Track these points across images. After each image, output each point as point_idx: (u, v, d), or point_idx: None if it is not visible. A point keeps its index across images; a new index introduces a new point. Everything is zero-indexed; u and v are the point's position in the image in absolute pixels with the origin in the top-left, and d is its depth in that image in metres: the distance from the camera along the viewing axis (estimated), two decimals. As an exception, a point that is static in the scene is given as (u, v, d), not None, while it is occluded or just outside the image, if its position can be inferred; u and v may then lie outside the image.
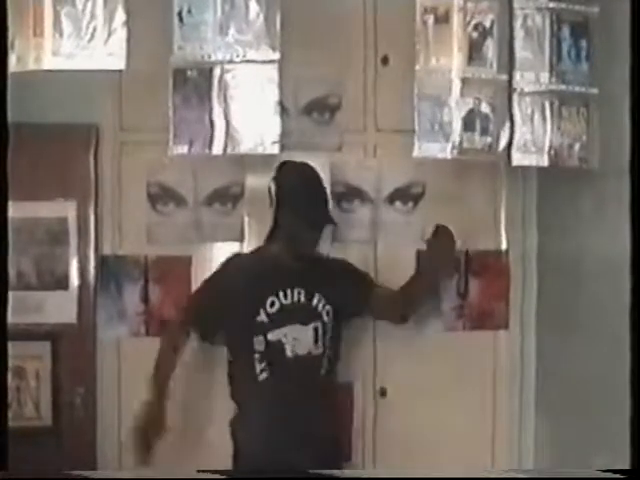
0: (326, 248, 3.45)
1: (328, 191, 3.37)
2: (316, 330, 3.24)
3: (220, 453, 3.28)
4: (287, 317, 3.22)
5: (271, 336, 3.21)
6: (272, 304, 3.23)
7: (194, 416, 3.54)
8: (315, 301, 3.27)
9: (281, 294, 3.23)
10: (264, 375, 3.21)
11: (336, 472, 2.67)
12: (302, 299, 3.26)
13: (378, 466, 3.57)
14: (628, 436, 2.44)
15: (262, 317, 3.22)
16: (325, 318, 3.26)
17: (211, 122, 2.96)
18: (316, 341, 3.23)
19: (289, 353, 3.20)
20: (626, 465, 2.40)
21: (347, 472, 2.96)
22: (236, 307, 3.23)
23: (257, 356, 3.21)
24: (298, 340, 3.21)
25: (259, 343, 3.21)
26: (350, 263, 3.45)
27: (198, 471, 2.48)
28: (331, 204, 3.42)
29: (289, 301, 3.24)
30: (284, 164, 3.29)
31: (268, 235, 3.32)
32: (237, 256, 3.41)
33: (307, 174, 3.29)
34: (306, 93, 3.58)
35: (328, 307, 3.27)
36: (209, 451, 3.46)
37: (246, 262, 3.37)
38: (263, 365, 3.21)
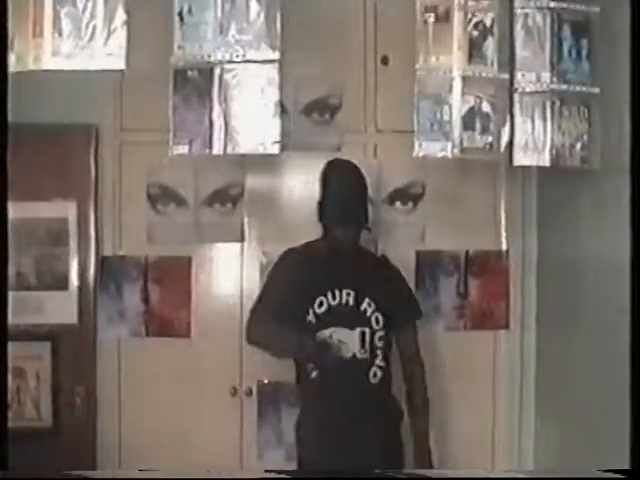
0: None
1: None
2: (363, 335, 3.18)
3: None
4: (334, 318, 3.18)
5: (318, 336, 3.16)
6: (320, 304, 3.19)
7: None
8: (364, 306, 3.21)
9: (329, 295, 3.20)
10: (315, 374, 3.18)
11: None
12: (350, 302, 3.21)
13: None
14: (628, 436, 2.44)
15: (310, 317, 3.18)
16: (374, 325, 3.21)
17: (211, 122, 2.95)
18: (363, 346, 3.17)
19: (333, 354, 3.14)
20: (626, 465, 2.40)
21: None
22: (291, 306, 3.19)
23: (306, 355, 3.17)
24: (343, 343, 3.15)
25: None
26: (404, 278, 3.39)
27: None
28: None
29: (337, 302, 3.20)
30: (331, 162, 3.28)
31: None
32: (290, 252, 3.31)
33: (353, 174, 3.25)
34: (306, 93, 3.58)
35: (378, 314, 3.21)
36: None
37: (298, 259, 3.29)
38: (313, 364, 3.17)
